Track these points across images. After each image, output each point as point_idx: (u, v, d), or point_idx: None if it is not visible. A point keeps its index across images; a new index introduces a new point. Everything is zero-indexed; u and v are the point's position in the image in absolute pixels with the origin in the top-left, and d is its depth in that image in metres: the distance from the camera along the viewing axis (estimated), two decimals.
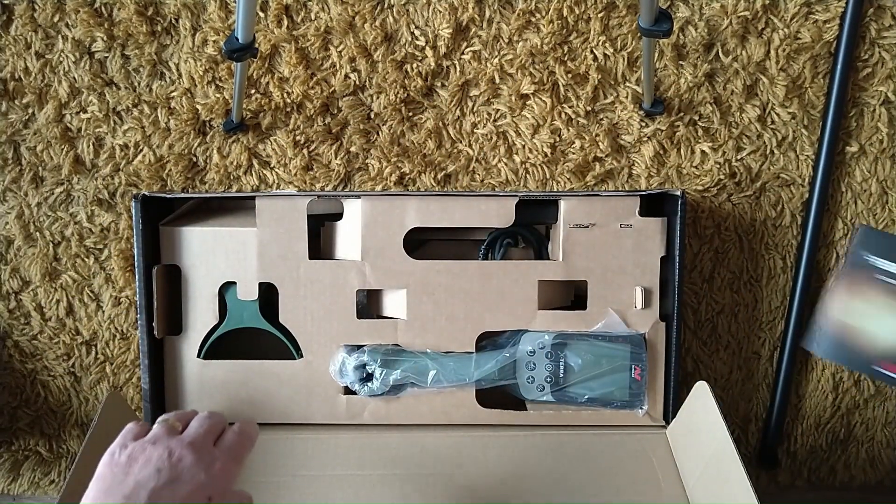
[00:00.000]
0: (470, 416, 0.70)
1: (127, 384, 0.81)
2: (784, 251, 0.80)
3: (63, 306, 0.80)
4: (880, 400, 0.81)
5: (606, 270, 0.69)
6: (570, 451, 0.67)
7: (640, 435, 0.69)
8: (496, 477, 0.65)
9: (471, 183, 0.79)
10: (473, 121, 0.79)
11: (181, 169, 0.78)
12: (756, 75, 0.78)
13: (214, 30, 0.77)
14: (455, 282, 0.69)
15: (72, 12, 0.77)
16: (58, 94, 0.78)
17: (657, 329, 0.70)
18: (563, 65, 0.77)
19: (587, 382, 0.69)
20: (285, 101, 0.78)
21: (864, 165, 0.78)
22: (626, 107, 0.78)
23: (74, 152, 0.79)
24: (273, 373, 0.70)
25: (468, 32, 0.78)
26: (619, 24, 0.77)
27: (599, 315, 0.69)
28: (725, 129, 0.78)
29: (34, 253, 0.79)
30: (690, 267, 0.80)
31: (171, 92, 0.78)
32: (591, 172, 0.78)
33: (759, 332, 0.81)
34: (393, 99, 0.78)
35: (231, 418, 0.70)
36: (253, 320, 0.70)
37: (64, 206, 0.79)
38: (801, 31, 0.77)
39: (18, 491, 0.83)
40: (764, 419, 0.82)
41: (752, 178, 0.79)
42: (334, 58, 0.78)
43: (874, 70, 0.77)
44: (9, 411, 0.82)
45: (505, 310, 0.69)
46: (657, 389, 0.70)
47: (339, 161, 0.79)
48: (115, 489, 0.45)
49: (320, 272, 0.69)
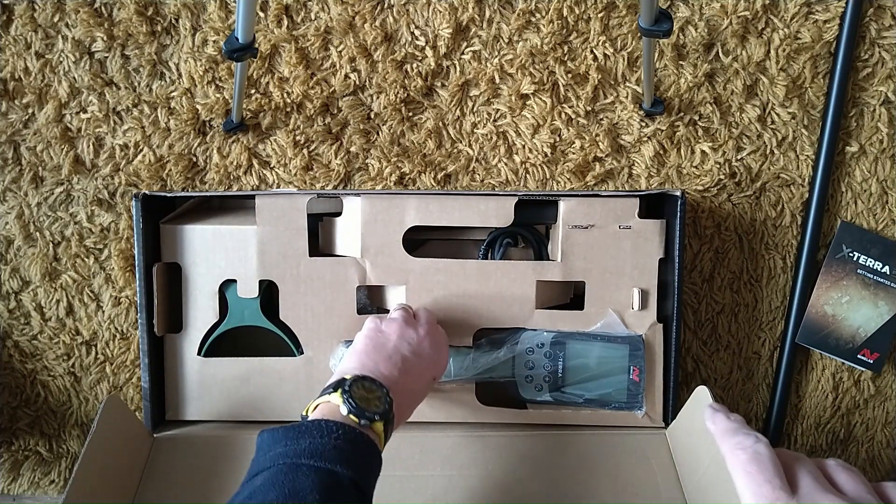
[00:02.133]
0: (470, 414, 0.70)
1: (127, 384, 0.81)
2: (784, 251, 0.80)
3: (63, 306, 0.80)
4: (880, 400, 0.81)
5: (604, 272, 0.69)
6: (569, 451, 0.67)
7: (640, 436, 0.69)
8: (496, 477, 0.65)
9: (471, 183, 0.79)
10: (473, 121, 0.79)
11: (181, 169, 0.78)
12: (756, 75, 0.77)
13: (214, 30, 0.77)
14: (454, 280, 0.69)
15: (72, 12, 0.77)
16: (58, 94, 0.78)
17: (654, 331, 0.70)
18: (563, 65, 0.77)
19: (585, 383, 0.69)
20: (285, 101, 0.78)
21: (864, 165, 0.78)
22: (626, 107, 0.78)
23: (74, 152, 0.79)
24: (274, 370, 0.70)
25: (468, 32, 0.78)
26: (619, 24, 0.77)
27: (596, 316, 0.69)
28: (725, 129, 0.78)
29: (34, 253, 0.79)
30: (690, 267, 0.79)
31: (171, 92, 0.78)
32: (591, 172, 0.78)
33: (759, 332, 0.81)
34: (393, 99, 0.78)
35: (231, 417, 0.71)
36: (254, 318, 0.70)
37: (64, 206, 0.79)
38: (801, 31, 0.77)
39: (18, 491, 0.83)
40: (764, 419, 0.82)
41: (752, 178, 0.79)
42: (334, 58, 0.78)
43: (874, 70, 0.77)
44: (9, 411, 0.82)
45: (503, 308, 0.69)
46: (655, 391, 0.70)
47: (339, 161, 0.79)
48: (379, 348, 0.57)
49: (320, 269, 0.69)
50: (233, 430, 0.69)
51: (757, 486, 0.39)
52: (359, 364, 0.56)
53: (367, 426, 0.49)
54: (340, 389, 0.50)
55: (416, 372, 0.58)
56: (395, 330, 0.60)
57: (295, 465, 0.44)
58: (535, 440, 0.68)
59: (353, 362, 0.57)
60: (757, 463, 0.40)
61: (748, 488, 0.39)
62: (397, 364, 0.56)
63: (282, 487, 0.43)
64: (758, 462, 0.40)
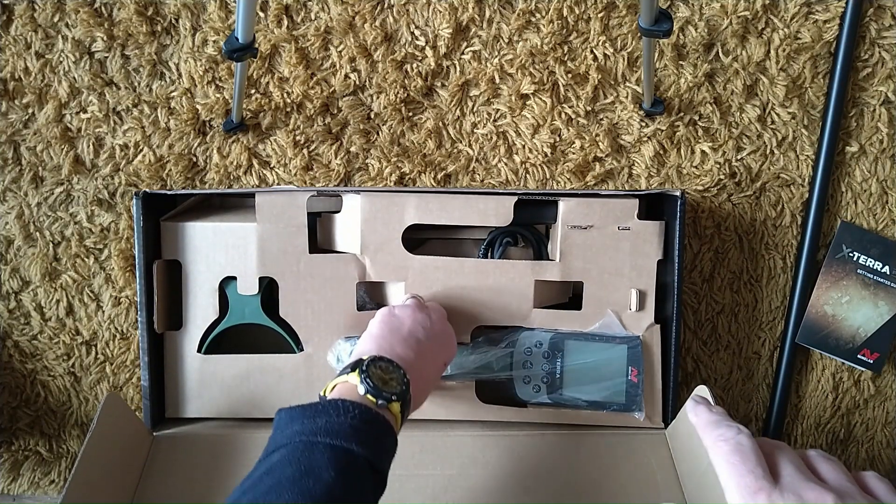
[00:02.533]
0: (470, 412, 0.70)
1: (127, 384, 0.81)
2: (784, 251, 0.80)
3: (63, 306, 0.80)
4: (880, 400, 0.81)
5: (603, 272, 0.69)
6: (569, 451, 0.67)
7: (640, 436, 0.68)
8: (496, 477, 0.65)
9: (471, 183, 0.79)
10: (473, 121, 0.79)
11: (181, 169, 0.79)
12: (756, 75, 0.78)
13: (214, 30, 0.77)
14: (452, 278, 0.69)
15: (72, 12, 0.77)
16: (58, 94, 0.78)
17: (652, 332, 0.70)
18: (563, 65, 0.77)
19: (583, 386, 0.69)
20: (285, 101, 0.78)
21: (864, 165, 0.78)
22: (626, 107, 0.78)
23: (74, 152, 0.79)
24: (274, 367, 0.70)
25: (468, 32, 0.78)
26: (619, 24, 0.77)
27: (594, 316, 0.69)
28: (725, 129, 0.78)
29: (34, 253, 0.80)
30: (690, 267, 0.79)
31: (171, 92, 0.78)
32: (591, 172, 0.78)
33: (759, 332, 0.81)
34: (393, 99, 0.78)
35: (231, 414, 0.71)
36: (254, 315, 0.70)
37: (64, 206, 0.79)
38: (801, 31, 0.77)
39: (18, 491, 0.83)
40: (764, 419, 0.82)
41: (752, 178, 0.79)
42: (334, 58, 0.78)
43: (874, 70, 0.77)
44: (9, 411, 0.82)
45: (501, 306, 0.69)
46: (654, 391, 0.70)
47: (339, 161, 0.79)
48: (394, 331, 0.58)
49: (320, 266, 0.69)
50: (233, 427, 0.69)
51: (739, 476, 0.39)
52: (376, 346, 0.56)
53: (385, 407, 0.49)
54: (358, 370, 0.51)
55: (430, 355, 0.59)
56: (408, 314, 0.61)
57: (311, 443, 0.45)
58: (534, 440, 0.68)
59: (370, 345, 0.57)
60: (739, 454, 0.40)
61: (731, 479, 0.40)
62: (412, 346, 0.57)
63: (298, 464, 0.43)
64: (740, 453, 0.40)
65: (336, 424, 0.46)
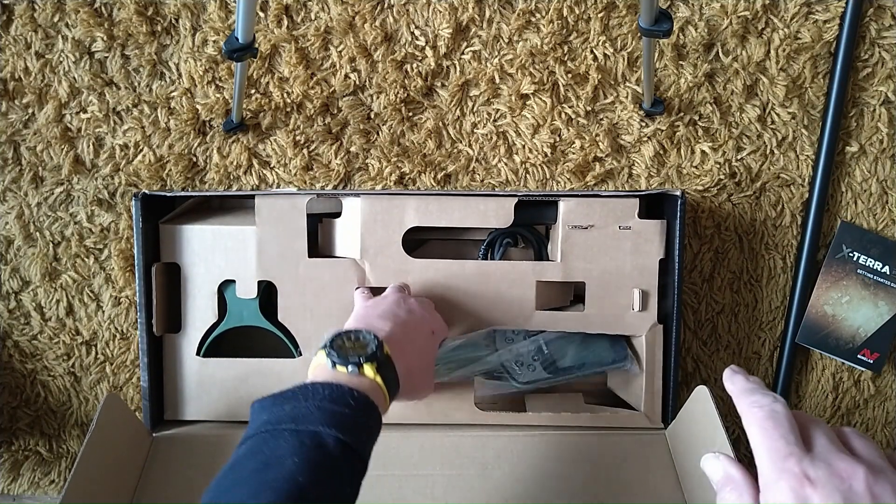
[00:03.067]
0: (469, 417, 0.70)
1: (127, 384, 0.81)
2: (784, 251, 0.80)
3: (63, 306, 0.80)
4: (880, 400, 0.81)
5: (604, 272, 0.69)
6: (569, 451, 0.67)
7: (640, 436, 0.69)
8: (496, 477, 0.65)
9: (471, 183, 0.79)
10: (473, 121, 0.79)
11: (181, 169, 0.78)
12: (756, 75, 0.77)
13: (214, 30, 0.77)
14: (453, 280, 0.69)
15: (72, 12, 0.77)
16: (58, 94, 0.78)
17: (654, 332, 0.69)
18: (563, 65, 0.77)
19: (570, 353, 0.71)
20: (285, 101, 0.78)
21: (864, 165, 0.78)
22: (626, 107, 0.78)
23: (74, 152, 0.79)
24: (272, 371, 0.70)
25: (468, 32, 0.78)
26: (619, 24, 0.77)
27: (596, 317, 0.69)
28: (725, 129, 0.78)
29: (34, 253, 0.80)
30: (690, 267, 0.79)
31: (171, 92, 0.78)
32: (591, 172, 0.78)
33: (759, 332, 0.81)
34: (393, 99, 0.78)
35: (230, 417, 0.71)
36: (253, 319, 0.70)
37: (64, 206, 0.79)
38: (801, 31, 0.77)
39: (18, 491, 0.83)
40: None
41: (752, 178, 0.79)
42: (334, 58, 0.78)
43: (874, 70, 0.77)
44: (9, 411, 0.82)
45: (502, 309, 0.69)
46: (655, 391, 0.70)
47: (339, 161, 0.79)
48: (369, 309, 0.59)
49: (320, 270, 0.69)
50: (231, 430, 0.69)
51: (772, 441, 0.39)
52: (353, 325, 0.56)
53: (357, 373, 0.49)
54: (324, 346, 0.51)
55: (412, 324, 0.58)
56: (386, 296, 0.63)
57: (276, 432, 0.44)
58: (534, 440, 0.68)
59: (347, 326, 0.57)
60: (773, 419, 0.40)
61: (763, 444, 0.39)
62: (390, 319, 0.57)
63: (260, 455, 0.43)
64: (774, 419, 0.40)
65: (303, 409, 0.45)
